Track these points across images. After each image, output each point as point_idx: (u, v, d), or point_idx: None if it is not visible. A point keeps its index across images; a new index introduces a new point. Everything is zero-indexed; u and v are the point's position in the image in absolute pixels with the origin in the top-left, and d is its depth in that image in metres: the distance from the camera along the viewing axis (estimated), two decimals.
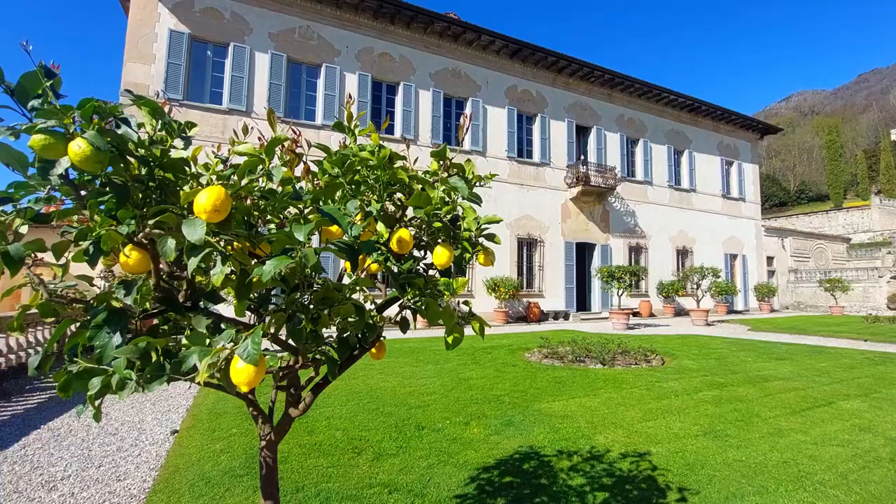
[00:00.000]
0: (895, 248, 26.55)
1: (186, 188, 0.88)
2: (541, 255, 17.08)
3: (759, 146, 25.67)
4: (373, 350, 1.53)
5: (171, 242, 0.81)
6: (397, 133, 14.84)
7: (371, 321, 1.16)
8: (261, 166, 0.90)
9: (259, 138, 1.30)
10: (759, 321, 16.71)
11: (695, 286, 16.03)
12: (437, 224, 1.30)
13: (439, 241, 1.22)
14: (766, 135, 26.07)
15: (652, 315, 18.61)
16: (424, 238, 1.29)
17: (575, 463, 3.29)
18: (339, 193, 1.17)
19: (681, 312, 19.36)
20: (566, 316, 16.79)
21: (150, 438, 4.10)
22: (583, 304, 18.40)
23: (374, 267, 1.56)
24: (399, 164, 1.19)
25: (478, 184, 1.32)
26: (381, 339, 1.51)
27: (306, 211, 0.96)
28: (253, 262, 0.88)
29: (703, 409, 4.68)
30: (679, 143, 21.56)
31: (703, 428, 4.12)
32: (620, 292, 14.11)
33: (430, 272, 1.43)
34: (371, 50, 14.67)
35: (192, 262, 0.81)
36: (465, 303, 1.38)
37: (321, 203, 1.05)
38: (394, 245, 1.09)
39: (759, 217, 24.64)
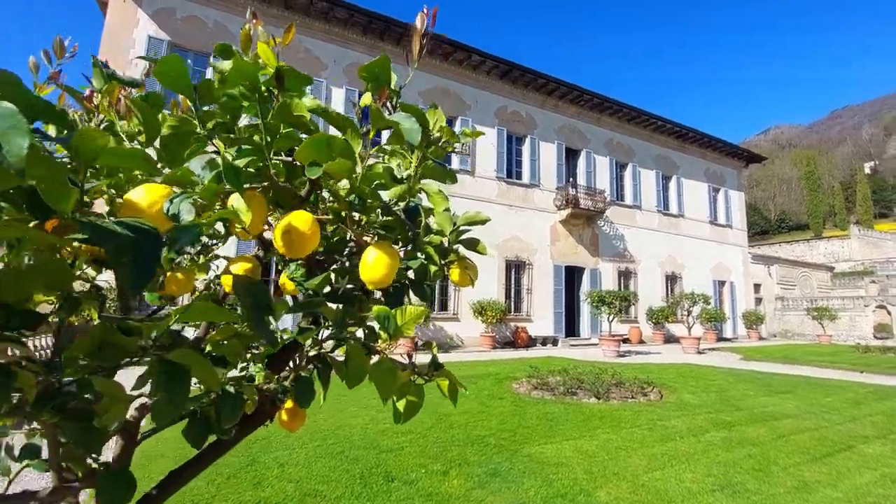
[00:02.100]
0: (878, 277, 26.76)
1: None
2: (529, 278, 16.61)
3: (744, 175, 25.94)
4: (282, 417, 0.98)
5: None
6: None
7: (233, 388, 0.62)
8: None
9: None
10: (749, 349, 16.34)
11: (685, 313, 15.64)
12: (379, 216, 0.77)
13: (376, 239, 0.70)
14: (751, 163, 26.38)
15: (642, 342, 18.15)
16: (365, 237, 0.77)
17: None
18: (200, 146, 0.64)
19: (670, 339, 18.93)
20: (554, 342, 16.22)
21: None
22: (571, 329, 17.87)
23: (290, 286, 1.02)
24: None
25: (459, 147, 0.80)
26: (303, 397, 0.95)
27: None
28: None
29: (714, 455, 4.13)
30: (667, 169, 21.58)
31: (719, 480, 3.56)
32: (611, 318, 13.64)
33: (376, 296, 0.89)
34: (359, 65, 14.33)
35: None
36: (428, 344, 0.84)
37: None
38: (278, 240, 0.56)
39: (745, 244, 24.66)
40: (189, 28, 12.26)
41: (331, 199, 0.71)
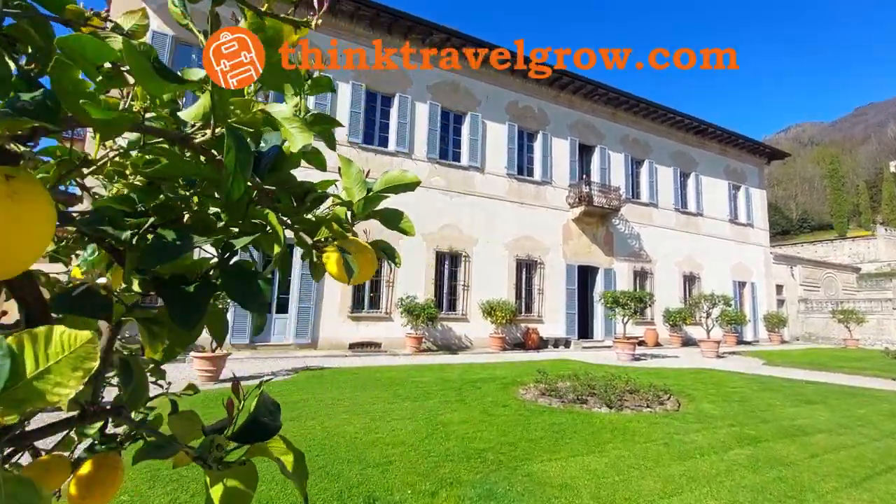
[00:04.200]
0: None
1: None
2: (540, 278, 16.12)
3: (765, 172, 24.97)
4: (70, 491, 0.63)
5: None
6: (391, 146, 14.13)
7: None
8: None
9: None
10: (772, 354, 15.62)
11: (704, 315, 14.97)
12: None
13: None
14: (773, 160, 25.42)
15: (658, 344, 17.51)
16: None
17: None
18: None
19: (688, 342, 18.25)
20: (567, 343, 15.71)
21: None
22: (585, 331, 17.32)
23: (77, 272, 0.69)
24: None
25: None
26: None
27: None
28: None
29: (740, 478, 3.68)
30: (685, 166, 20.83)
31: None
32: (626, 320, 13.09)
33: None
34: (364, 59, 14.05)
35: None
36: (191, 386, 0.49)
37: None
38: None
39: (767, 244, 23.74)
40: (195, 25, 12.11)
41: None
